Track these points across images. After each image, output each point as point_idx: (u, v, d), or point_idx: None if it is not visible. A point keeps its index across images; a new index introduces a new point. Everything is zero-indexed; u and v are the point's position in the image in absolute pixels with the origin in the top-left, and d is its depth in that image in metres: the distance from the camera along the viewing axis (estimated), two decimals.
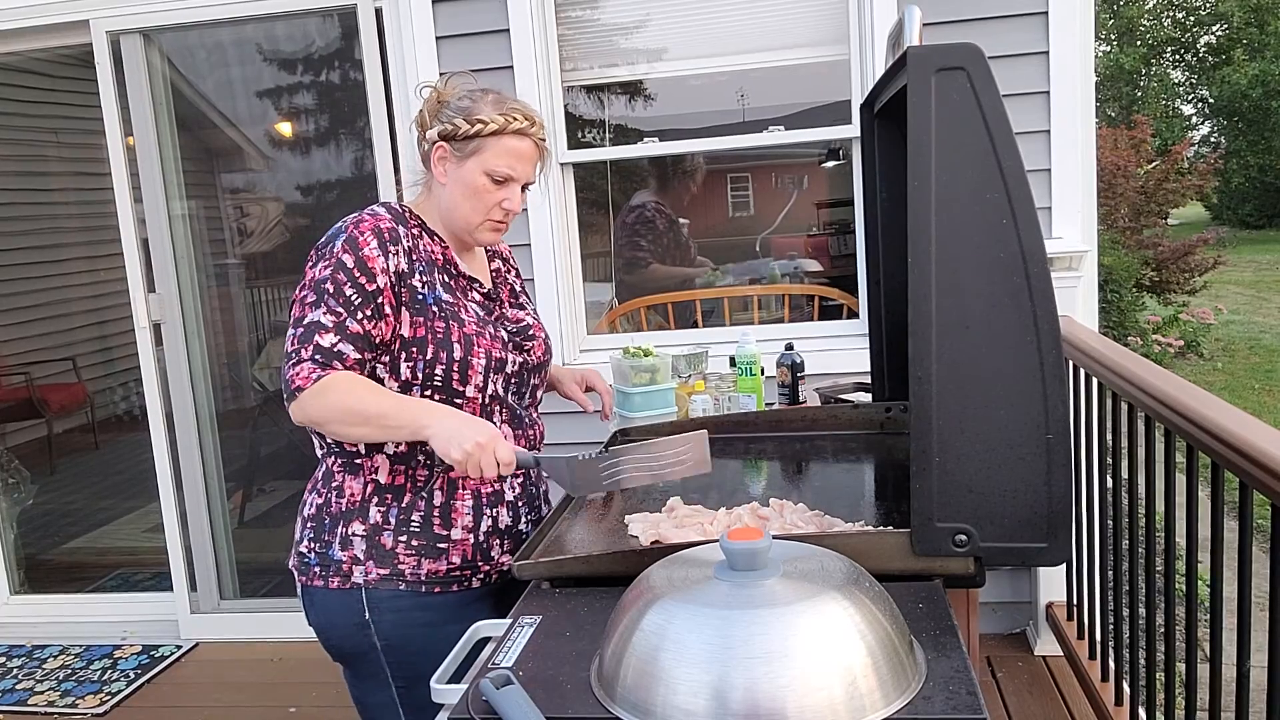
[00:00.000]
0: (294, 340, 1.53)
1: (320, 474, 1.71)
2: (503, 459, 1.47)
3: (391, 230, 1.61)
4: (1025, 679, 2.97)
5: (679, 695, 0.95)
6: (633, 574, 1.15)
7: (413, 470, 1.65)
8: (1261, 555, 1.70)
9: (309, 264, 1.60)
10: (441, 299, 1.64)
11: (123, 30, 3.40)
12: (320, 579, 1.65)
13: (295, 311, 1.56)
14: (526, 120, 1.66)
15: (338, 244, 1.57)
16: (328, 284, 1.55)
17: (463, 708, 1.07)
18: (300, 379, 1.50)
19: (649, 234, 3.84)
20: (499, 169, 1.65)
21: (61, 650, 3.71)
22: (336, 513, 1.65)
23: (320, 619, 1.67)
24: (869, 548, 1.28)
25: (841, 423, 2.02)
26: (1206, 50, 24.80)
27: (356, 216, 1.62)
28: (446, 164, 1.67)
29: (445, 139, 1.65)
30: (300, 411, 1.51)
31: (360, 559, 1.62)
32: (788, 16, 3.28)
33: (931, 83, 1.21)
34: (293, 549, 1.72)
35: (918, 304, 1.21)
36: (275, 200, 3.84)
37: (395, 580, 1.62)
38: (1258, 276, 15.07)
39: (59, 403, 6.02)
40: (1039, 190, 2.99)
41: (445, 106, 1.67)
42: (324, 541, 1.65)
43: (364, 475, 1.64)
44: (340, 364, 1.52)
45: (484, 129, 1.63)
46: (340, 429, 1.53)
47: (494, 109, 1.65)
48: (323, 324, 1.53)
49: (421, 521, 1.64)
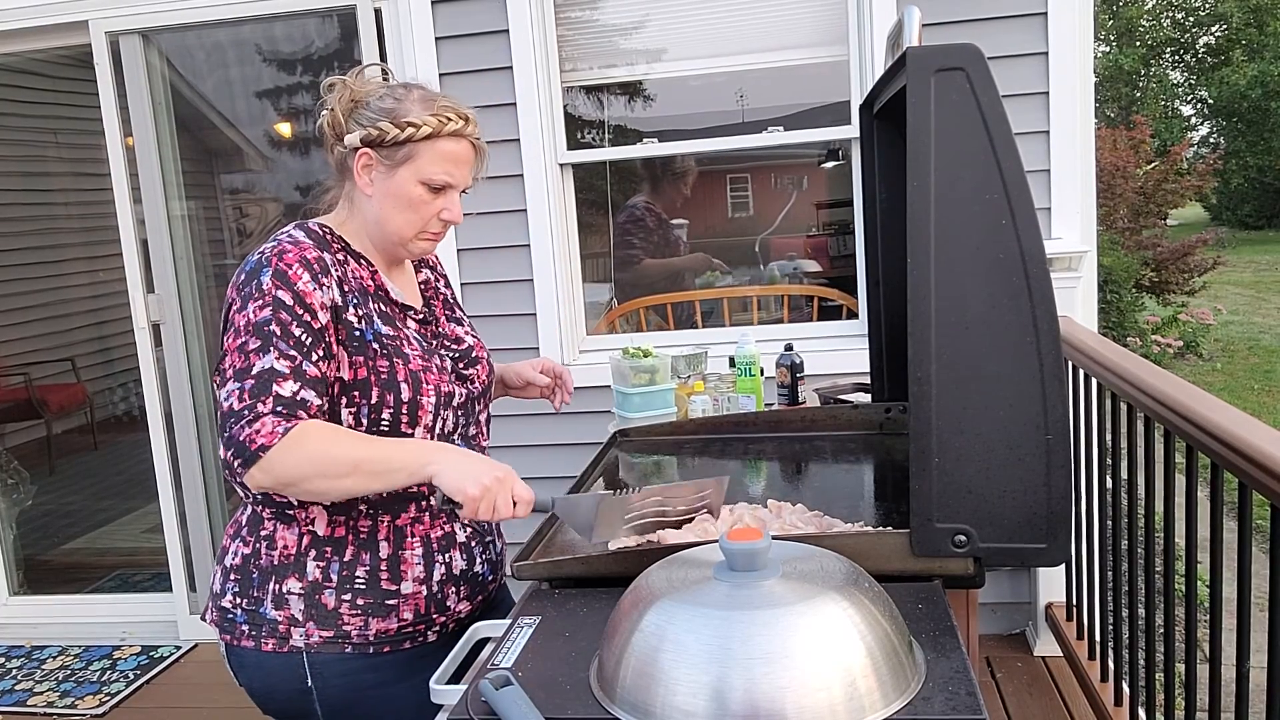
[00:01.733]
0: (244, 394, 1.32)
1: (245, 519, 1.51)
2: (522, 497, 1.33)
3: (319, 259, 1.41)
4: (1025, 679, 2.97)
5: (678, 696, 0.95)
6: (632, 575, 1.15)
7: (354, 521, 1.46)
8: (1261, 555, 1.70)
9: (232, 308, 1.40)
10: (381, 333, 1.45)
11: (122, 31, 3.40)
12: (250, 639, 1.46)
13: (234, 361, 1.35)
14: (461, 119, 1.48)
15: (264, 280, 1.37)
16: (271, 325, 1.35)
17: (462, 708, 1.07)
18: (263, 437, 1.29)
19: (639, 232, 3.87)
20: (436, 177, 1.46)
21: (60, 651, 3.71)
22: (267, 566, 1.46)
23: (254, 683, 1.50)
24: (868, 548, 1.28)
25: (841, 423, 2.02)
26: (1205, 51, 24.82)
27: (275, 246, 1.41)
28: (373, 173, 1.47)
29: (370, 145, 1.46)
30: (266, 474, 1.30)
31: (299, 619, 1.44)
32: (787, 17, 3.28)
33: (931, 83, 1.21)
34: (210, 602, 1.53)
35: (917, 304, 1.21)
36: (274, 201, 3.84)
37: (340, 643, 1.44)
38: (1257, 277, 15.07)
39: (58, 403, 6.02)
40: (1038, 191, 2.99)
41: (364, 107, 1.47)
42: (253, 598, 1.46)
43: (299, 525, 1.46)
44: (305, 414, 1.33)
45: (415, 133, 1.44)
46: (319, 485, 1.32)
47: (424, 108, 1.46)
48: (278, 370, 1.33)
49: (367, 577, 1.46)
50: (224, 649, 1.52)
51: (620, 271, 3.88)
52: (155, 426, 3.62)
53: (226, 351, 1.38)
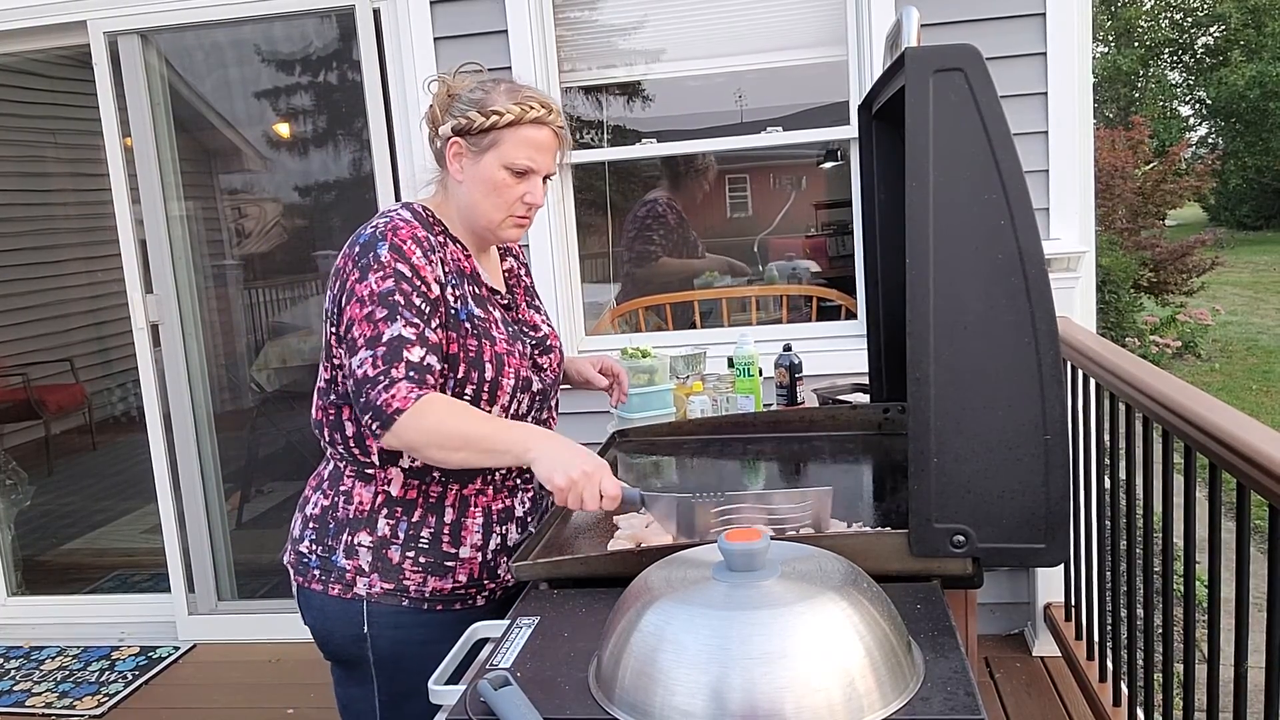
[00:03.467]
0: (378, 360, 1.43)
1: (327, 473, 1.65)
2: (609, 492, 1.39)
3: (427, 239, 1.53)
4: (1023, 680, 2.97)
5: (677, 696, 0.95)
6: (631, 575, 1.15)
7: (426, 486, 1.59)
8: (1259, 556, 1.70)
9: (351, 277, 1.49)
10: (474, 314, 1.56)
11: (120, 31, 3.40)
12: (320, 583, 1.60)
13: (363, 330, 1.45)
14: (543, 108, 1.57)
15: (382, 253, 1.48)
16: (395, 295, 1.45)
17: (461, 709, 1.07)
18: (399, 400, 1.41)
19: (660, 229, 3.83)
20: (518, 161, 1.56)
21: (59, 651, 3.71)
22: (343, 519, 1.59)
23: (317, 623, 1.63)
24: (867, 548, 1.28)
25: (839, 423, 2.02)
26: (1204, 51, 24.83)
27: (389, 222, 1.52)
28: (462, 160, 1.58)
29: (459, 134, 1.56)
30: (395, 437, 1.42)
31: (365, 570, 1.57)
32: (786, 17, 3.28)
33: (929, 84, 1.21)
34: (289, 545, 1.66)
35: (916, 305, 1.21)
36: (273, 201, 3.84)
37: (399, 596, 1.57)
38: (1255, 277, 15.08)
39: (57, 404, 6.02)
40: (1037, 191, 2.99)
41: (456, 100, 1.58)
42: (327, 546, 1.60)
43: (376, 485, 1.59)
44: (432, 379, 1.45)
45: (500, 120, 1.54)
46: (435, 454, 1.43)
47: (508, 98, 1.56)
48: (406, 338, 1.44)
49: (431, 538, 1.58)
50: (295, 589, 1.65)
51: (636, 266, 3.85)
52: (154, 427, 3.61)
53: (353, 320, 1.47)
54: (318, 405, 1.63)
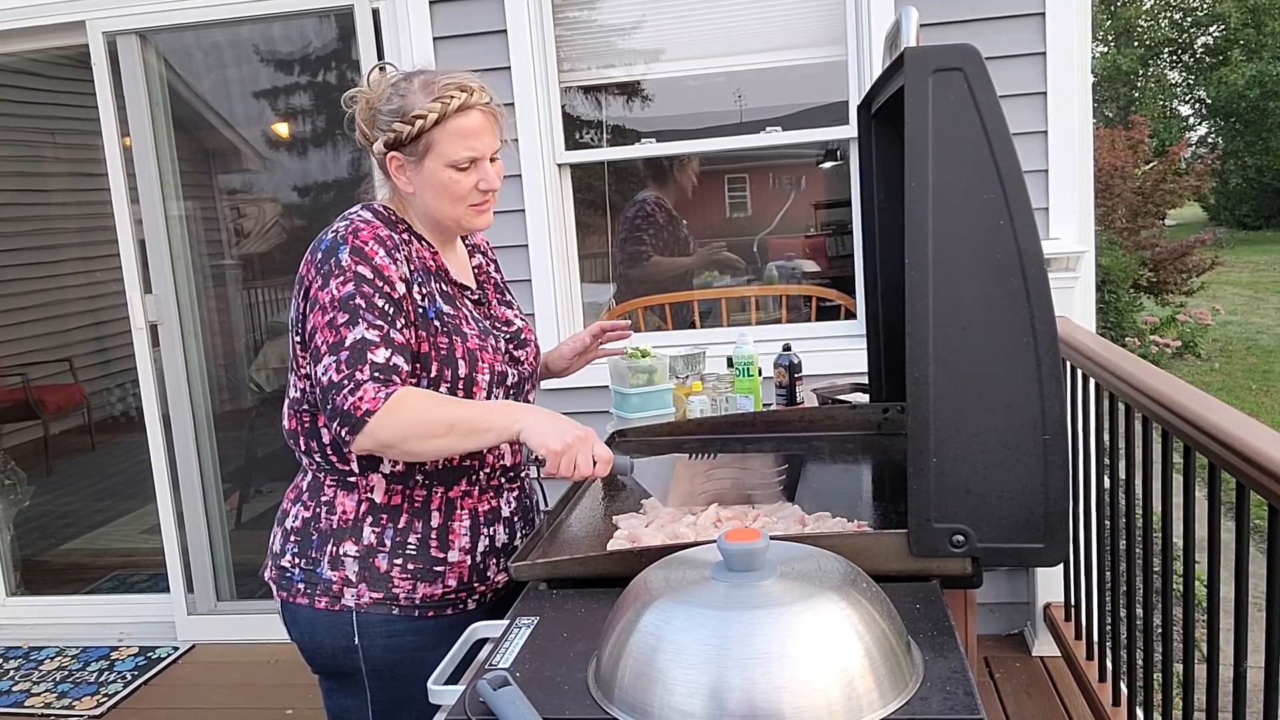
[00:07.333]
0: (341, 365, 1.41)
1: (306, 485, 1.62)
2: (601, 456, 1.41)
3: (390, 237, 1.50)
4: (1023, 680, 2.97)
5: (676, 696, 0.95)
6: (630, 575, 1.15)
7: (410, 490, 1.56)
8: (1258, 556, 1.70)
9: (313, 285, 1.47)
10: (443, 311, 1.54)
11: (119, 31, 3.40)
12: (305, 597, 1.57)
13: (325, 337, 1.44)
14: (463, 92, 1.50)
15: (343, 257, 1.46)
16: (356, 299, 1.43)
17: (460, 709, 1.07)
18: (367, 402, 1.38)
19: (650, 228, 3.83)
20: (459, 156, 1.51)
21: (58, 652, 3.71)
22: (326, 530, 1.56)
23: (305, 637, 1.60)
24: (866, 548, 1.28)
25: (839, 423, 2.02)
26: (1204, 51, 24.84)
27: (349, 225, 1.50)
28: (406, 171, 1.54)
29: (392, 148, 1.52)
30: (370, 438, 1.39)
31: (352, 581, 1.54)
32: (785, 17, 3.28)
33: (929, 84, 1.21)
34: (269, 560, 1.63)
35: (915, 305, 1.21)
36: (272, 201, 3.84)
37: (388, 604, 1.55)
38: (1255, 277, 15.09)
39: (55, 404, 6.02)
40: (1036, 191, 2.99)
41: (378, 113, 1.54)
42: (310, 558, 1.56)
43: (359, 492, 1.56)
44: (398, 378, 1.42)
45: (425, 124, 1.48)
46: (415, 445, 1.41)
47: (426, 96, 1.49)
48: (370, 340, 1.42)
49: (418, 544, 1.56)
50: (280, 605, 1.62)
51: (629, 268, 3.85)
52: (153, 427, 3.61)
53: (316, 329, 1.46)
54: (290, 415, 1.60)
